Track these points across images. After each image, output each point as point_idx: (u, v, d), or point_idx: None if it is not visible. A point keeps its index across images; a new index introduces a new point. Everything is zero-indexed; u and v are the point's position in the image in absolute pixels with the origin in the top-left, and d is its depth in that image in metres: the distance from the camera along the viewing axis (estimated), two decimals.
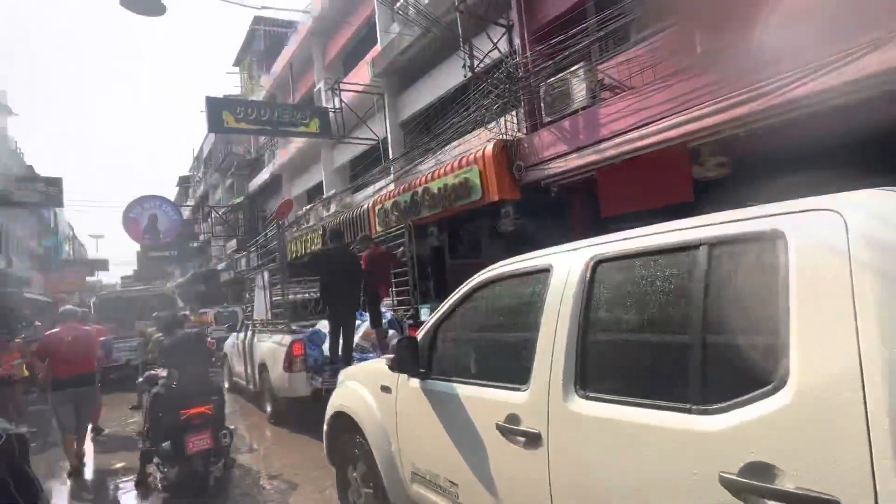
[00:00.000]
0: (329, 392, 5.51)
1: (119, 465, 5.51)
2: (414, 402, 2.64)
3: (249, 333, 7.77)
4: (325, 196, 13.22)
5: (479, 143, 7.80)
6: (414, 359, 2.59)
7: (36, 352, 5.67)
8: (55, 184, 13.87)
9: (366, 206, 10.20)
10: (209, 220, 26.91)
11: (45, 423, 7.63)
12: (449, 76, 9.32)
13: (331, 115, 10.48)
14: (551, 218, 7.52)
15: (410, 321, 6.91)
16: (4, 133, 21.58)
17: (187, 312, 11.52)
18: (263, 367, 6.95)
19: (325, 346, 6.42)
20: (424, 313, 7.22)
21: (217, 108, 9.14)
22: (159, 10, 6.21)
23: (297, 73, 15.47)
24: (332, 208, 12.30)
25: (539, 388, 1.92)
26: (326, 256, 5.94)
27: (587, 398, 1.76)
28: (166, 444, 4.32)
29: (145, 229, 17.22)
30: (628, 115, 5.67)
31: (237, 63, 20.02)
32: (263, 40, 17.29)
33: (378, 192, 10.47)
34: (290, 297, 6.58)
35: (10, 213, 21.33)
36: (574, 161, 6.27)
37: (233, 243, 20.36)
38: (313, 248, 11.31)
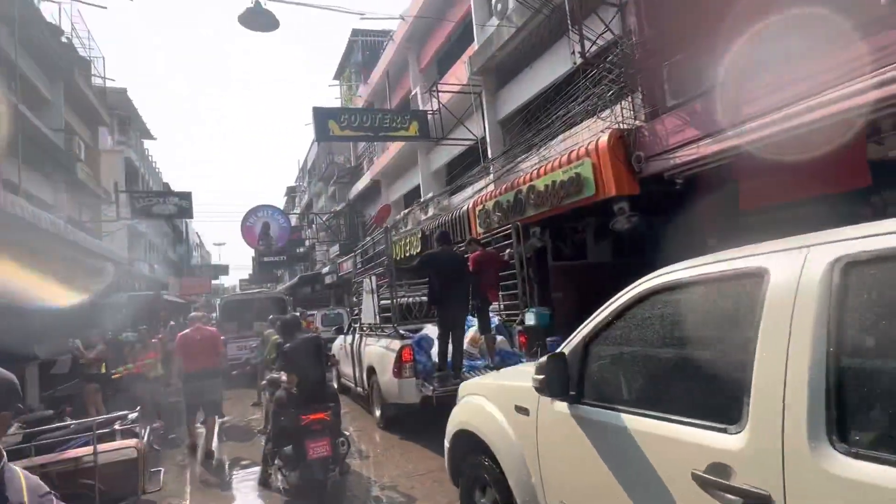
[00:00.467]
0: (440, 401, 5.43)
1: (244, 461, 5.77)
2: (562, 430, 2.24)
3: (357, 336, 7.86)
4: (422, 200, 13.26)
5: (590, 135, 7.20)
6: (563, 380, 2.20)
7: (175, 349, 6.54)
8: (186, 198, 15.45)
9: (465, 208, 9.98)
10: (313, 226, 28.73)
11: (181, 416, 8.35)
12: (552, 66, 8.80)
13: (429, 117, 10.44)
14: (670, 213, 6.71)
15: (520, 327, 6.51)
16: (148, 155, 24.82)
17: (304, 315, 12.16)
18: (372, 371, 6.95)
19: (433, 352, 6.26)
20: (529, 318, 6.79)
21: (323, 118, 9.52)
22: (273, 25, 6.45)
23: (394, 81, 15.81)
24: (430, 211, 12.27)
25: (763, 433, 1.44)
26: (435, 259, 5.75)
27: (853, 456, 1.25)
28: (288, 448, 4.35)
29: (259, 236, 18.70)
30: (782, 89, 4.79)
31: (337, 76, 21.06)
32: (361, 51, 17.97)
33: (478, 193, 10.21)
34: (396, 300, 6.50)
35: (150, 224, 24.42)
36: (709, 147, 5.46)
37: (336, 248, 21.36)
38: (412, 251, 11.35)
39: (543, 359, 2.26)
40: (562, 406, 2.25)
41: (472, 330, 6.39)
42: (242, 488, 5.03)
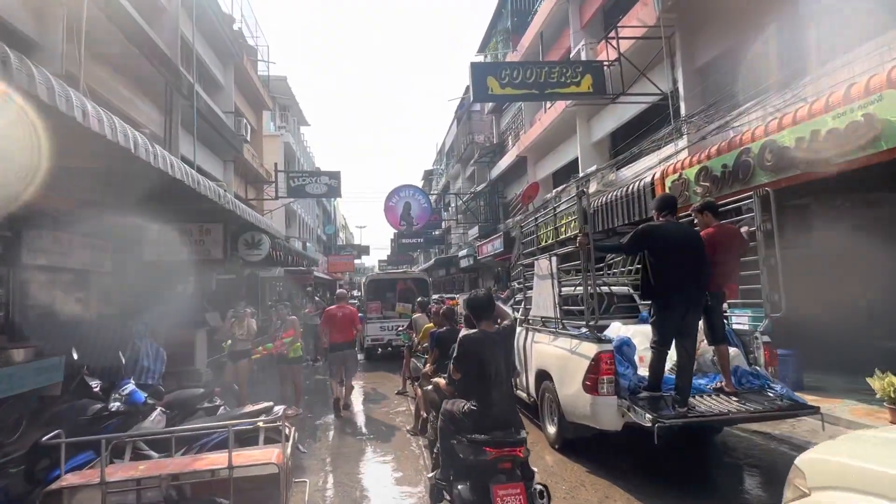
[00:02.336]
0: (662, 437, 3.76)
1: (390, 462, 4.85)
2: None
3: (521, 331, 6.57)
4: (581, 174, 11.45)
5: (873, 65, 4.86)
6: None
7: (322, 323, 7.67)
8: (335, 177, 15.69)
9: (647, 180, 8.04)
10: (450, 208, 28.40)
11: (326, 396, 7.98)
12: None
13: (605, 69, 8.61)
14: None
15: (767, 338, 4.57)
16: (304, 142, 26.58)
17: (442, 299, 11.33)
18: (544, 377, 5.60)
19: (635, 359, 4.69)
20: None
21: (481, 74, 8.31)
22: None
23: (548, 43, 14.07)
24: (593, 187, 10.44)
25: None
26: (657, 233, 4.11)
27: None
28: (463, 488, 3.17)
29: (401, 216, 18.57)
30: None
31: (482, 48, 19.92)
32: (510, 16, 16.51)
33: (664, 163, 8.17)
34: (596, 289, 4.95)
35: (303, 204, 26.17)
36: None
37: (475, 230, 20.49)
38: (569, 233, 9.67)
39: None
40: None
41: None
42: None
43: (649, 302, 4.45)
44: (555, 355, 5.34)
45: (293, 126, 24.30)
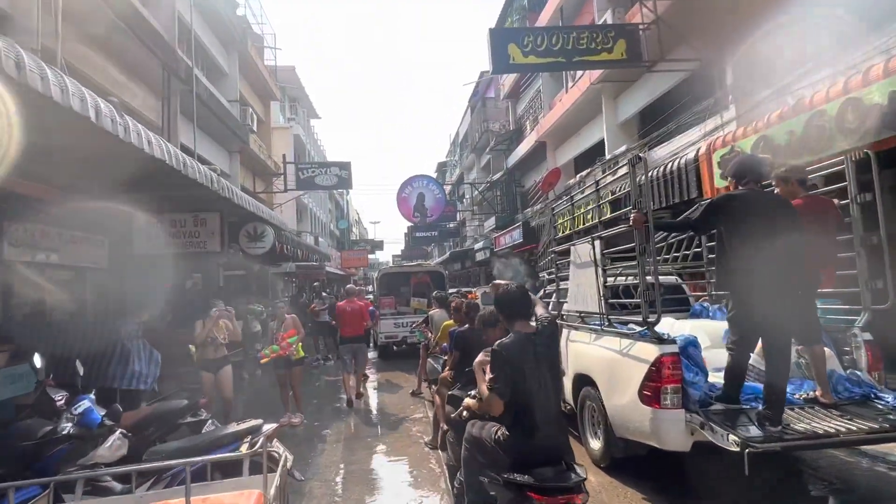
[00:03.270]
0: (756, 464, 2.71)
1: (406, 486, 4.12)
2: None
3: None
4: (608, 157, 10.57)
5: None
6: None
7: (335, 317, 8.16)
8: (346, 167, 15.03)
9: (691, 155, 7.16)
10: (464, 200, 27.61)
11: (339, 391, 7.36)
12: None
13: (640, 33, 7.69)
14: None
15: (868, 335, 3.72)
16: (315, 135, 26.02)
17: (460, 293, 10.58)
18: (584, 382, 4.82)
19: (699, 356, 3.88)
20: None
21: (502, 42, 7.47)
22: None
23: (570, 16, 13.13)
24: (623, 171, 9.54)
25: None
26: (735, 203, 3.28)
27: None
28: None
29: (415, 208, 17.85)
30: None
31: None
32: None
33: (707, 137, 7.28)
34: (655, 276, 4.11)
35: (315, 199, 25.63)
36: None
37: (491, 221, 19.68)
38: (594, 219, 8.83)
39: None
40: None
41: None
42: None
43: (724, 292, 3.63)
44: (599, 357, 4.55)
45: (303, 118, 23.73)
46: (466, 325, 4.53)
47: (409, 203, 17.83)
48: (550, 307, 6.20)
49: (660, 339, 3.71)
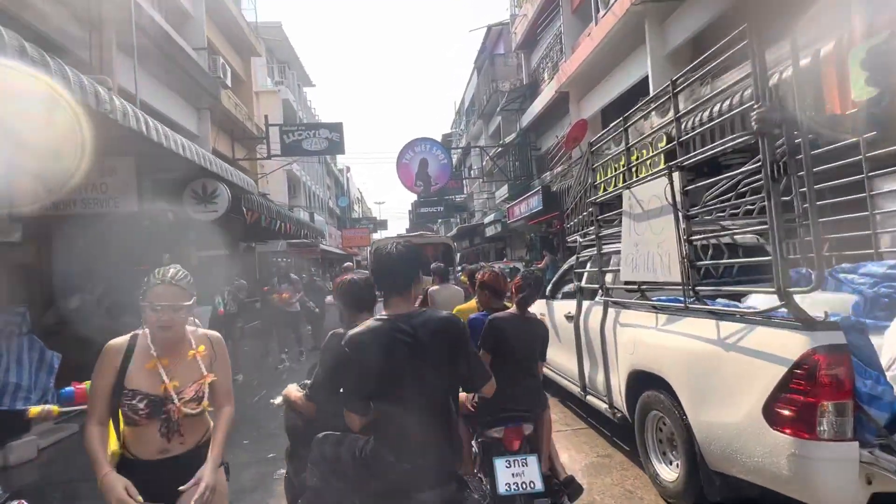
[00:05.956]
0: None
1: None
2: None
3: (595, 306, 4.17)
4: (653, 93, 8.66)
5: None
6: None
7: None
8: (336, 129, 13.36)
9: (805, 63, 5.31)
10: (471, 171, 25.82)
11: None
12: None
13: None
14: None
15: None
16: (308, 103, 24.26)
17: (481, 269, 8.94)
18: (648, 383, 3.27)
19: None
20: None
21: None
22: None
23: None
24: (672, 111, 7.70)
25: None
26: None
27: None
28: None
29: (417, 175, 16.12)
30: None
31: None
32: None
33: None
34: (818, 227, 2.40)
35: (311, 172, 23.98)
36: None
37: (502, 191, 17.94)
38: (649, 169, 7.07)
39: None
40: None
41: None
42: None
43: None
44: (678, 349, 2.95)
45: (293, 83, 21.92)
46: (508, 310, 2.88)
47: (411, 170, 16.08)
48: (585, 280, 4.59)
49: (809, 323, 2.07)
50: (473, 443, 2.84)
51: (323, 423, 1.95)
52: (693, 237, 2.98)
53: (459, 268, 11.17)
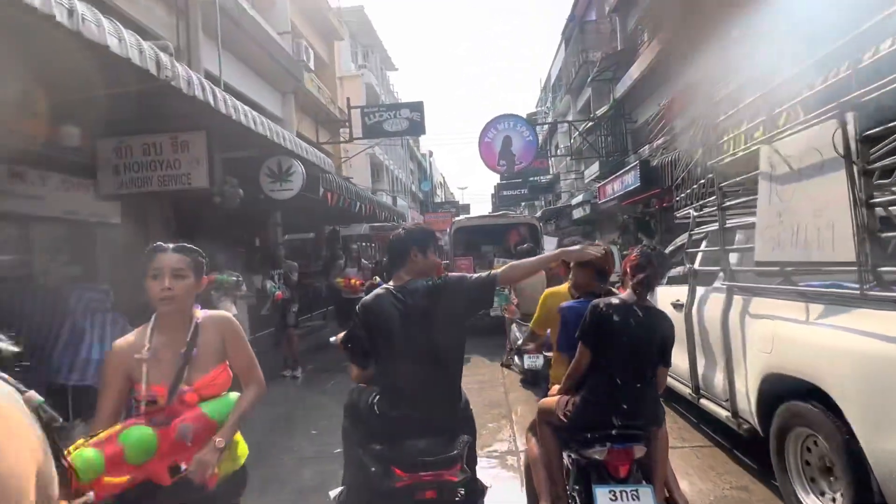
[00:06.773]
0: None
1: None
2: None
3: (713, 293, 3.39)
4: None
5: None
6: None
7: None
8: (417, 108, 13.08)
9: None
10: (558, 150, 24.49)
11: None
12: None
13: None
14: None
15: None
16: (391, 87, 24.40)
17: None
18: (791, 392, 2.49)
19: None
20: None
21: None
22: None
23: None
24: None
25: None
26: None
27: None
28: None
29: (500, 154, 15.40)
30: None
31: None
32: None
33: None
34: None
35: (393, 157, 24.15)
36: None
37: (592, 169, 16.68)
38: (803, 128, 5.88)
39: None
40: None
41: None
42: None
43: None
44: (846, 351, 2.17)
45: (376, 67, 22.05)
46: (618, 296, 2.23)
47: (494, 149, 15.37)
48: (700, 262, 3.77)
49: None
50: (564, 454, 2.28)
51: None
52: (876, 199, 2.13)
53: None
